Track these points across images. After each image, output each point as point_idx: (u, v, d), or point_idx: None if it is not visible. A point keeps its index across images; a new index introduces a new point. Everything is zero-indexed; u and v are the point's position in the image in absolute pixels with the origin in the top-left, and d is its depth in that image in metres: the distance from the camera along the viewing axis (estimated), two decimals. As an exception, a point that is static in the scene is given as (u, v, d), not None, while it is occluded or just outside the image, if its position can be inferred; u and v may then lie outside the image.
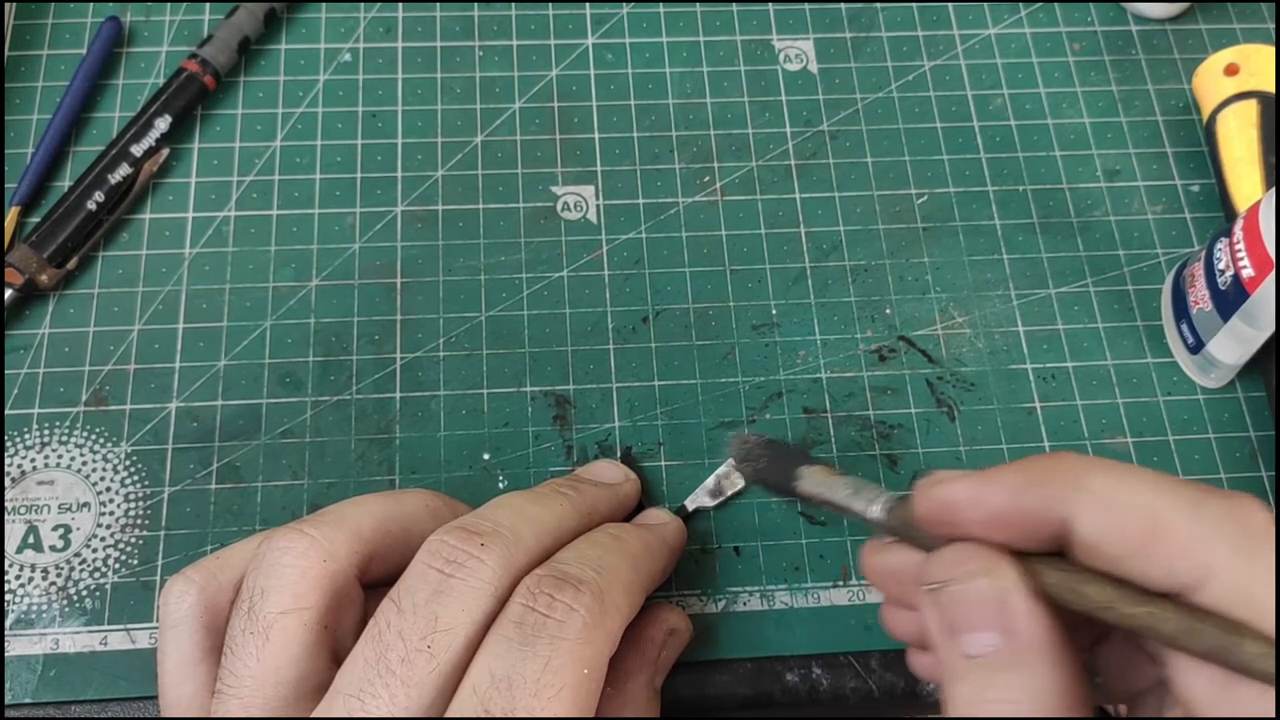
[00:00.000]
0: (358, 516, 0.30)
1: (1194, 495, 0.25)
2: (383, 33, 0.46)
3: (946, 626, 0.26)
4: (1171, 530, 0.24)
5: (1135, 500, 0.25)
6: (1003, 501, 0.26)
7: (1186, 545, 0.24)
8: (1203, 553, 0.24)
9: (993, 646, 0.25)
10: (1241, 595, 0.23)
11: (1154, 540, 0.24)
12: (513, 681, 0.26)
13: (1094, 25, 0.48)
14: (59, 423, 0.38)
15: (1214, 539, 0.24)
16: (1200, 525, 0.24)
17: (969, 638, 0.26)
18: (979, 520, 0.27)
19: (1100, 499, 0.25)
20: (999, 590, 0.26)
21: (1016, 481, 0.26)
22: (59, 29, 0.45)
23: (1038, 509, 0.26)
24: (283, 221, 0.42)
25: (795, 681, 0.36)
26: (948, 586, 0.26)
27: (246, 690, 0.27)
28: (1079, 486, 0.25)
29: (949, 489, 0.27)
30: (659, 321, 0.41)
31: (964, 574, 0.26)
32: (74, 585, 0.36)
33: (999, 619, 0.25)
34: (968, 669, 0.26)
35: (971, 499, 0.27)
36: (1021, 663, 0.25)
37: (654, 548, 0.33)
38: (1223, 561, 0.24)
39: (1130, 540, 0.25)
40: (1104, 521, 0.25)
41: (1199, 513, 0.24)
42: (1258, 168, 0.42)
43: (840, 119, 0.45)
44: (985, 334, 0.41)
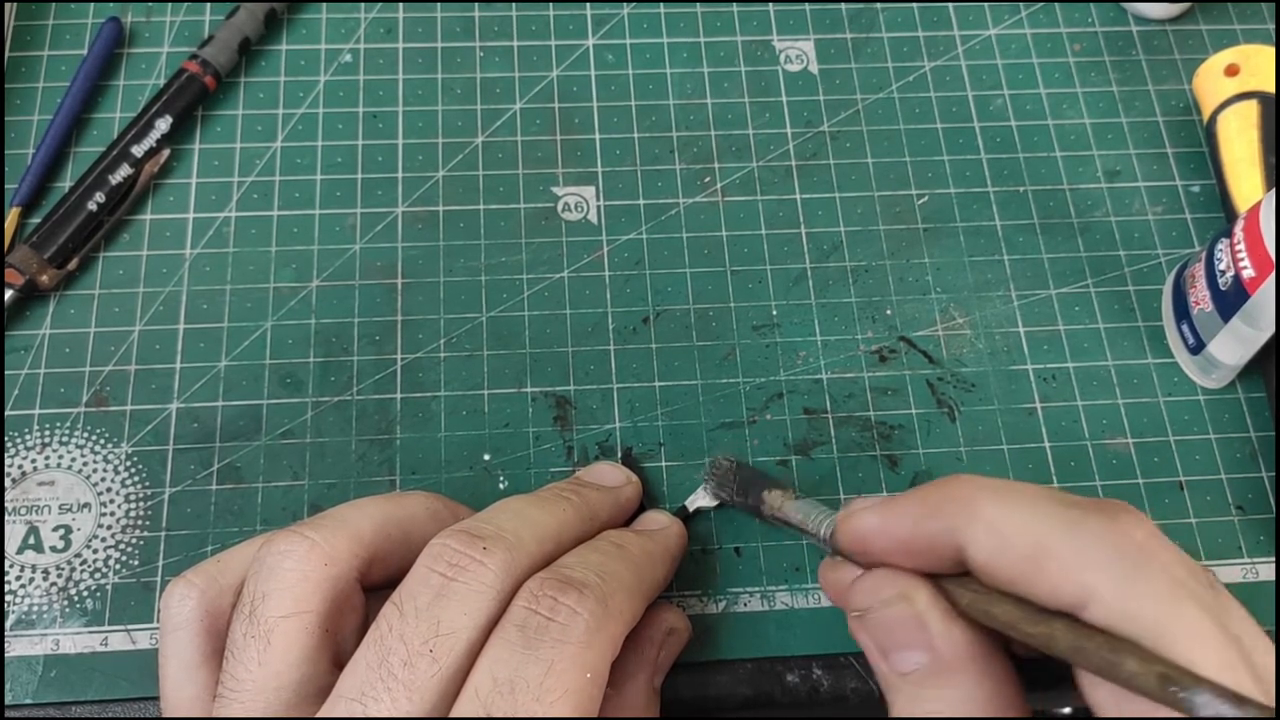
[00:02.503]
0: (358, 519, 0.30)
1: (1074, 516, 0.26)
2: (383, 33, 0.46)
3: (878, 646, 0.28)
4: (1053, 555, 0.25)
5: (1018, 525, 0.26)
6: (905, 532, 0.28)
7: (1067, 569, 0.25)
8: (1082, 574, 0.25)
9: (918, 663, 0.27)
10: (1122, 613, 0.24)
11: (1038, 565, 0.26)
12: (515, 685, 0.26)
13: (1094, 26, 0.48)
14: (60, 423, 0.39)
15: (1092, 559, 0.25)
16: (1078, 547, 0.25)
17: (897, 656, 0.28)
18: (888, 550, 0.29)
19: (987, 527, 0.26)
20: (914, 613, 0.28)
21: (914, 512, 0.28)
22: (59, 30, 0.45)
23: (936, 537, 0.28)
24: (283, 222, 0.42)
25: (796, 682, 0.36)
26: (869, 613, 0.29)
27: (248, 694, 0.27)
28: (969, 515, 0.27)
29: (858, 521, 0.30)
30: (659, 322, 0.41)
31: (880, 601, 0.28)
32: (74, 586, 0.36)
33: (919, 638, 0.27)
34: (901, 684, 0.28)
35: (878, 530, 0.29)
36: (946, 676, 0.27)
37: (656, 555, 0.33)
38: (1102, 583, 0.25)
39: (1017, 566, 0.26)
40: (992, 548, 0.26)
41: (1077, 534, 0.25)
42: (1258, 168, 0.42)
43: (841, 120, 0.45)
44: (986, 334, 0.41)
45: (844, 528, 0.30)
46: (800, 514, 0.33)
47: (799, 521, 0.33)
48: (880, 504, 0.29)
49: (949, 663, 0.27)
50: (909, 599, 0.28)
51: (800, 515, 0.33)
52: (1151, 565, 0.25)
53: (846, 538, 0.30)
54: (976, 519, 0.27)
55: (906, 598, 0.28)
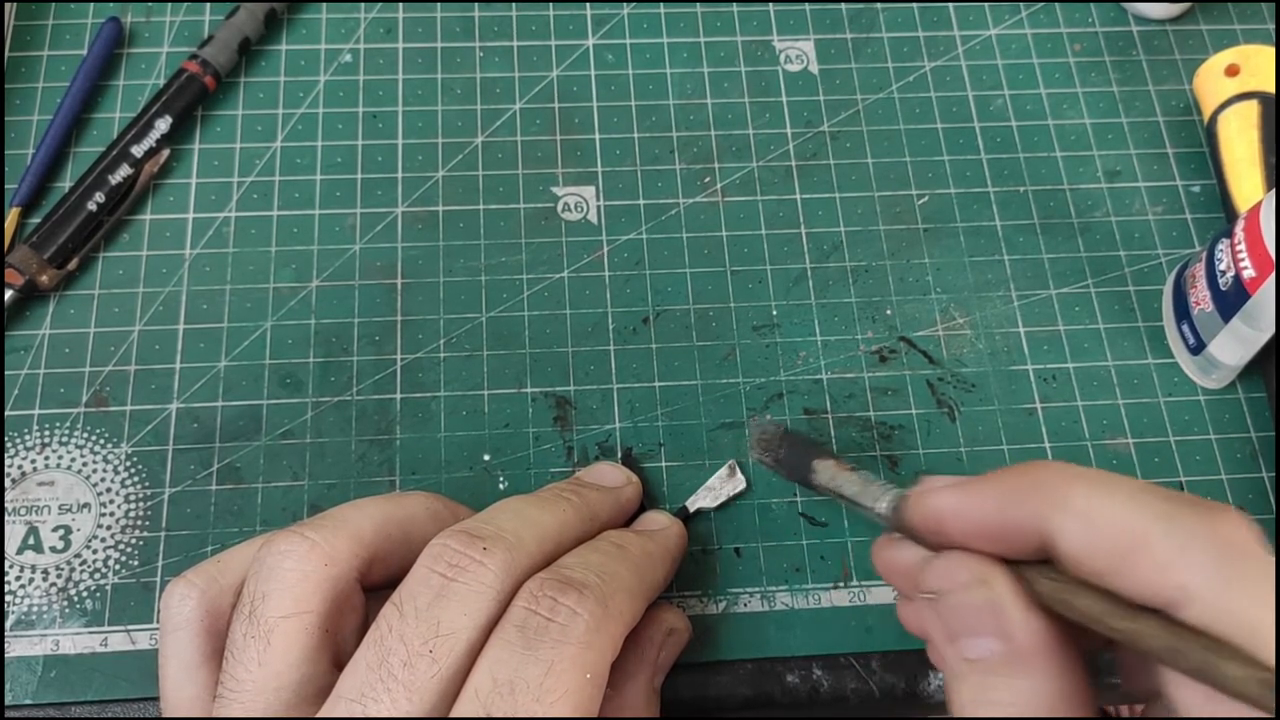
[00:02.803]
0: (358, 520, 0.30)
1: (1173, 511, 0.25)
2: (383, 33, 0.46)
3: (947, 631, 0.27)
4: (1149, 549, 0.24)
5: (1113, 517, 0.25)
6: (986, 516, 0.27)
7: (1164, 565, 0.24)
8: (1180, 573, 0.24)
9: (990, 651, 0.26)
10: (1222, 615, 0.23)
11: (1132, 558, 0.25)
12: (515, 685, 0.26)
13: (1094, 26, 0.48)
14: (59, 423, 0.38)
15: (1191, 558, 0.24)
16: (1177, 544, 0.24)
17: (968, 642, 0.27)
18: (965, 532, 0.28)
19: (1079, 516, 0.26)
20: (992, 599, 0.26)
21: (998, 496, 0.27)
22: (59, 30, 0.45)
23: (1020, 524, 0.27)
24: (283, 222, 0.42)
25: (796, 682, 0.36)
26: (945, 597, 0.27)
27: (248, 694, 0.27)
28: (1058, 502, 0.26)
29: (935, 501, 0.28)
30: (659, 322, 0.41)
31: (958, 585, 0.27)
32: (74, 586, 0.36)
33: (995, 625, 0.26)
34: (969, 671, 0.26)
35: (956, 512, 0.28)
36: (1019, 666, 0.26)
37: (656, 555, 0.33)
38: (1201, 582, 0.24)
39: (1109, 558, 0.25)
40: (1083, 539, 0.25)
41: (1177, 531, 0.24)
42: (1258, 168, 0.42)
43: (841, 120, 0.45)
44: (986, 335, 0.41)
45: (918, 505, 0.29)
46: (856, 487, 0.32)
47: (853, 494, 0.32)
48: (960, 484, 0.28)
49: (1023, 652, 0.26)
50: (988, 583, 0.27)
51: (856, 488, 0.32)
52: (1252, 566, 0.24)
53: (920, 516, 0.29)
54: (1067, 507, 0.26)
55: (985, 582, 0.27)
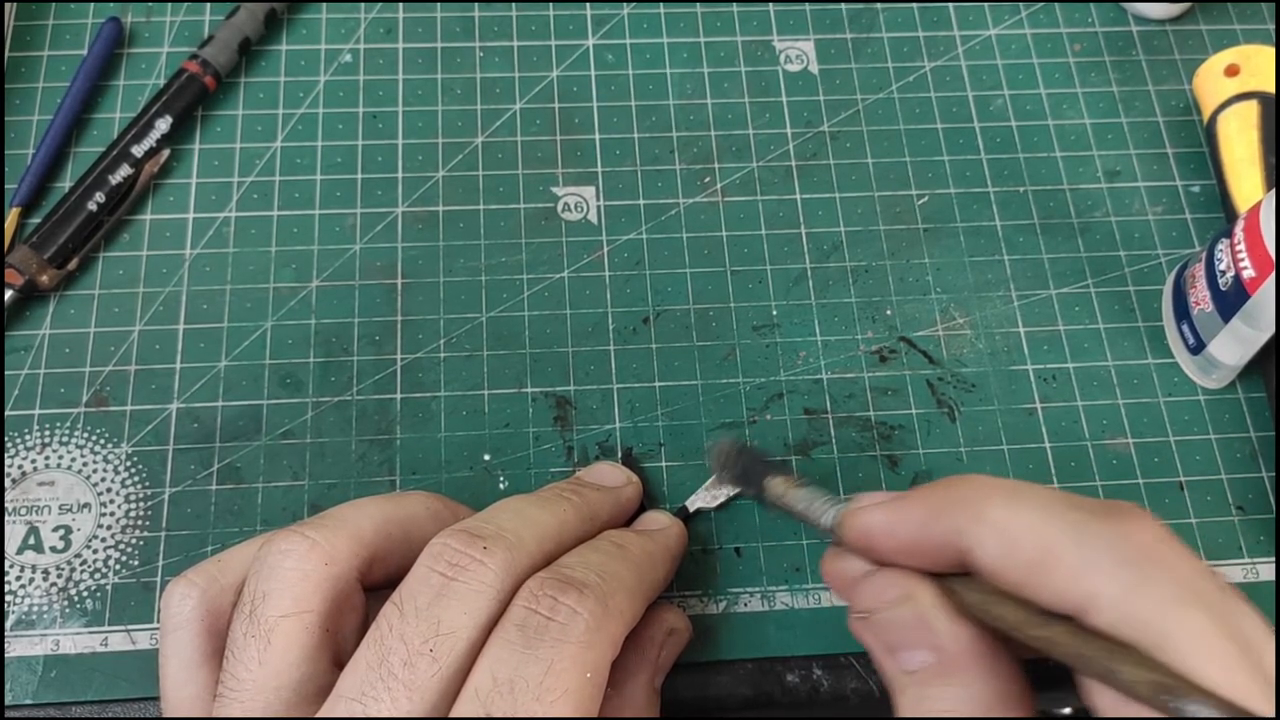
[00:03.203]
0: (358, 519, 0.30)
1: (1079, 519, 0.26)
2: (383, 33, 0.46)
3: (884, 645, 0.28)
4: (1059, 559, 0.25)
5: (1025, 528, 0.26)
6: (910, 532, 0.28)
7: (1072, 572, 0.25)
8: (1087, 579, 0.25)
9: (923, 662, 0.27)
10: (1125, 618, 0.24)
11: (1044, 569, 0.25)
12: (515, 684, 0.26)
13: (1094, 26, 0.48)
14: (59, 423, 0.38)
15: (1097, 564, 0.25)
16: (1084, 551, 0.25)
17: (903, 655, 0.28)
18: (892, 548, 0.29)
19: (993, 528, 0.26)
20: (919, 613, 0.28)
21: (921, 512, 0.28)
22: (59, 30, 0.45)
23: (942, 538, 0.28)
24: (283, 222, 0.42)
25: (796, 682, 0.36)
26: (876, 614, 0.29)
27: (248, 693, 0.27)
28: (976, 516, 0.27)
29: (864, 519, 0.30)
30: (659, 322, 0.41)
31: (886, 603, 0.28)
32: (74, 586, 0.36)
33: (924, 638, 0.27)
34: (907, 683, 0.28)
35: (884, 530, 0.29)
36: (951, 674, 0.27)
37: (656, 555, 0.33)
38: (1107, 588, 0.24)
39: (1023, 570, 0.26)
40: (998, 551, 0.26)
41: (1083, 538, 0.25)
42: (1258, 168, 0.42)
43: (841, 120, 0.45)
44: (986, 335, 0.41)
45: (849, 524, 0.30)
46: (803, 503, 0.33)
47: (802, 510, 0.33)
48: (886, 502, 0.29)
49: (954, 661, 0.27)
50: (913, 599, 0.28)
51: (803, 504, 0.33)
52: (1156, 570, 0.24)
53: (851, 534, 0.30)
54: (983, 521, 0.27)
55: (911, 598, 0.28)
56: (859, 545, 0.30)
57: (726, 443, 0.37)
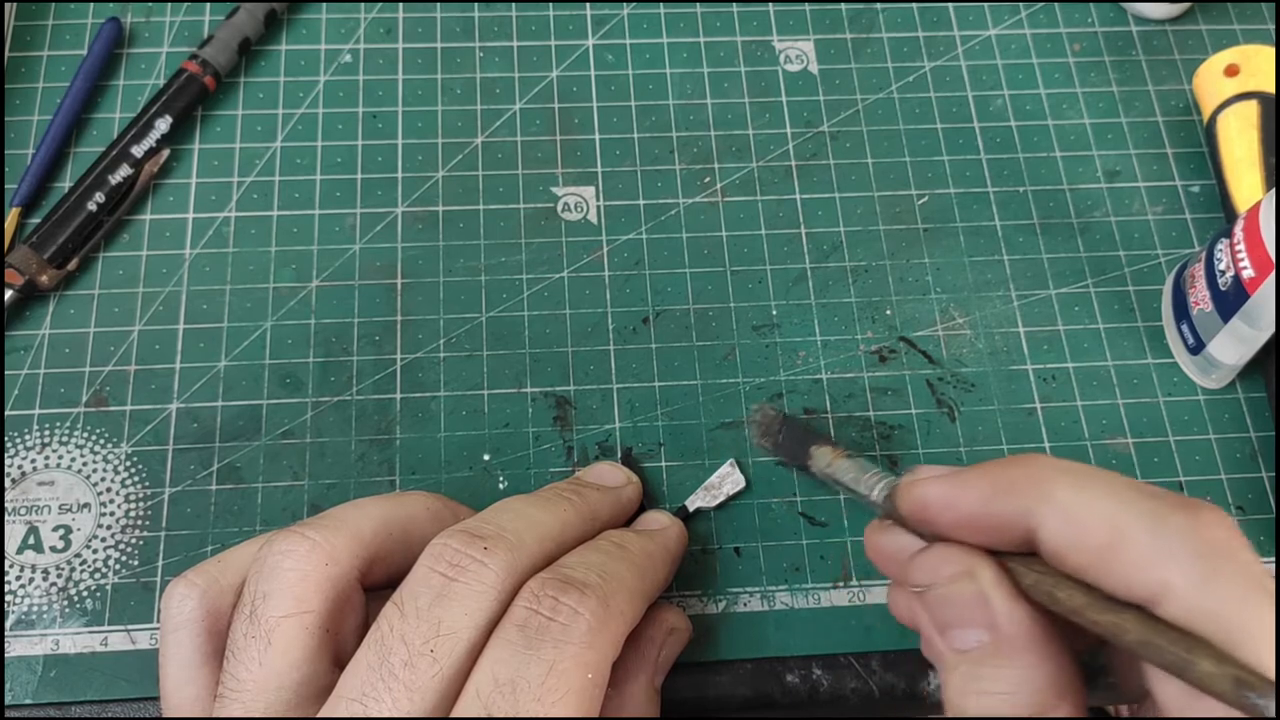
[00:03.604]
0: (358, 519, 0.30)
1: (1154, 508, 0.25)
2: (383, 34, 0.46)
3: (936, 623, 0.28)
4: (1130, 544, 0.25)
5: (1096, 512, 0.26)
6: (972, 507, 0.28)
7: (1144, 560, 0.25)
8: (1160, 569, 0.24)
9: (978, 641, 0.27)
10: (1199, 612, 0.24)
11: (1113, 554, 0.25)
12: (516, 685, 0.26)
13: (1094, 26, 0.48)
14: (59, 423, 0.38)
15: (1171, 555, 0.24)
16: (1158, 540, 0.25)
17: (957, 633, 0.27)
18: (952, 522, 0.28)
19: (1063, 510, 0.26)
20: (978, 591, 0.27)
21: (985, 488, 0.27)
22: (59, 30, 0.45)
23: (1006, 516, 0.27)
24: (283, 222, 0.42)
25: (796, 682, 0.36)
26: (932, 590, 0.28)
27: (248, 694, 0.27)
28: (1043, 496, 0.26)
29: (923, 490, 0.29)
30: (659, 322, 0.41)
31: (944, 578, 0.28)
32: (74, 586, 0.36)
33: (981, 617, 0.27)
34: (958, 661, 0.27)
35: (944, 503, 0.28)
36: (1006, 656, 0.26)
37: (657, 555, 0.33)
38: (1179, 579, 0.24)
39: (1091, 552, 0.25)
40: (1066, 533, 0.26)
41: (1157, 528, 0.25)
42: (1258, 169, 0.42)
43: (841, 120, 0.45)
44: (986, 335, 0.41)
45: (908, 494, 0.29)
46: (851, 474, 0.32)
47: (849, 481, 0.32)
48: (948, 475, 0.29)
49: (1010, 642, 0.26)
50: (973, 576, 0.27)
51: (851, 475, 0.32)
52: (1231, 565, 0.24)
53: (909, 505, 0.29)
54: (1051, 501, 0.26)
55: (970, 574, 0.27)
56: (915, 517, 0.29)
57: (769, 410, 0.37)
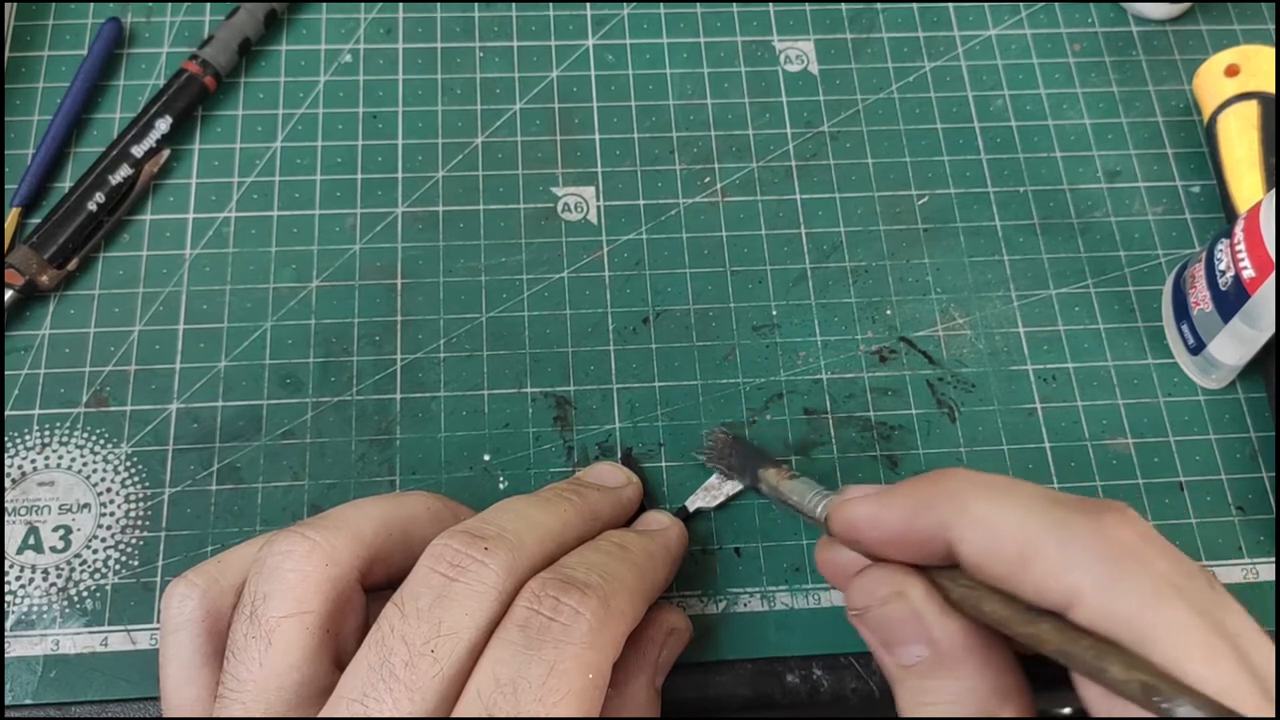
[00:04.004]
0: (359, 520, 0.30)
1: (1061, 516, 0.26)
2: (383, 34, 0.46)
3: (880, 641, 0.29)
4: (1040, 554, 0.25)
5: (1009, 524, 0.26)
6: (896, 525, 0.29)
7: (1053, 568, 0.25)
8: (1068, 575, 0.25)
9: (919, 656, 0.28)
10: (1108, 615, 0.24)
11: (1025, 564, 0.26)
12: (517, 685, 0.26)
13: (1094, 26, 0.48)
14: (59, 424, 0.38)
15: (1078, 560, 0.25)
16: (1064, 548, 0.25)
17: (899, 650, 0.28)
18: (879, 542, 0.29)
19: (978, 523, 0.27)
20: (911, 609, 0.28)
21: (907, 505, 0.28)
22: (59, 30, 0.45)
23: (927, 531, 0.28)
24: (283, 222, 0.42)
25: (796, 682, 0.36)
26: (868, 611, 0.29)
27: (249, 694, 0.27)
28: (960, 510, 0.27)
29: (851, 511, 0.30)
30: (659, 322, 0.41)
31: (878, 600, 0.29)
32: (74, 586, 0.36)
33: (919, 633, 0.28)
34: (904, 676, 0.28)
35: (869, 522, 0.29)
36: (947, 668, 0.27)
37: (657, 555, 0.33)
38: (1088, 583, 0.25)
39: (1006, 563, 0.26)
40: (982, 545, 0.26)
41: (1063, 534, 0.25)
42: (1258, 169, 0.42)
43: (841, 120, 0.45)
44: (986, 335, 0.41)
45: (836, 516, 0.30)
46: (796, 494, 0.34)
47: (795, 501, 0.34)
48: (873, 495, 0.30)
49: (949, 654, 0.27)
50: (904, 595, 0.28)
51: (796, 495, 0.34)
52: (1137, 566, 0.25)
53: (839, 527, 0.30)
54: (966, 515, 0.27)
55: (901, 594, 0.28)
56: (846, 538, 0.30)
57: (721, 434, 0.38)
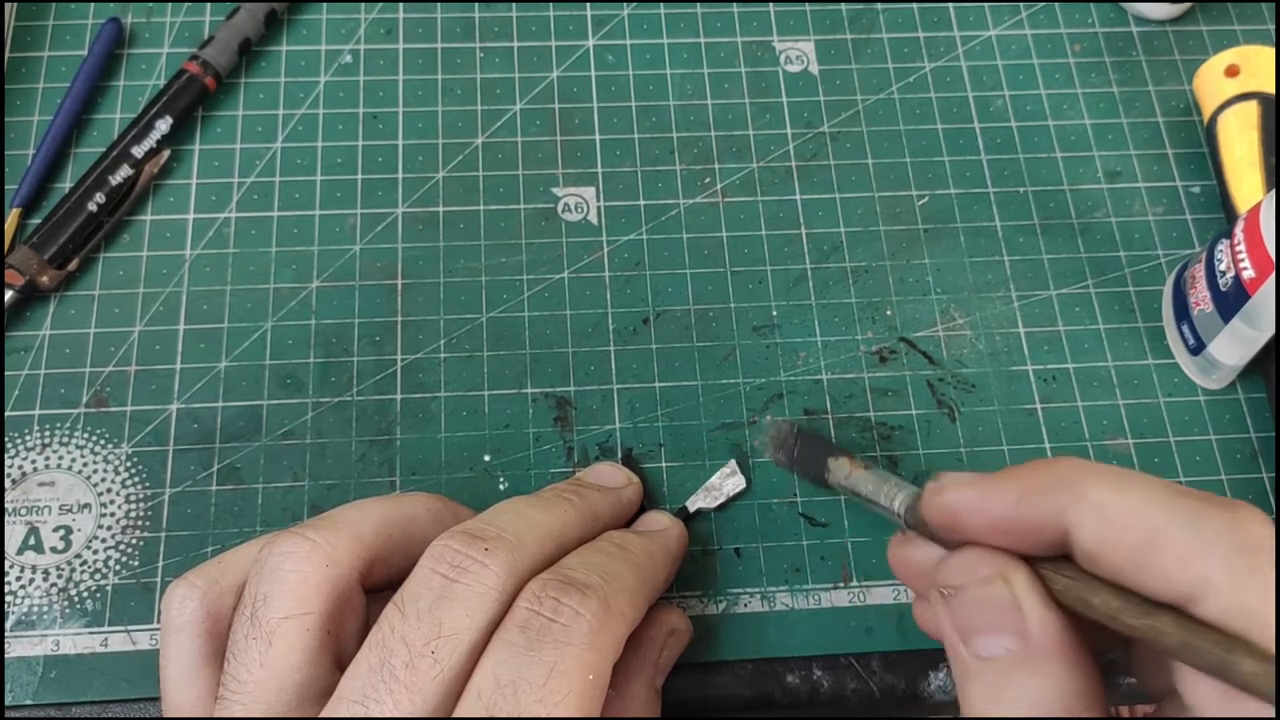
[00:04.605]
0: (359, 521, 0.30)
1: (1192, 506, 0.25)
2: (383, 34, 0.46)
3: (960, 628, 0.27)
4: (1168, 543, 0.24)
5: (1133, 512, 0.25)
6: (1004, 510, 0.27)
7: (1183, 559, 0.24)
8: (1199, 567, 0.24)
9: (1006, 649, 0.26)
10: (1239, 610, 0.23)
11: (1151, 553, 0.24)
12: (518, 686, 0.26)
13: (1094, 27, 0.48)
14: (60, 424, 0.38)
15: (1210, 553, 0.24)
16: (1197, 539, 0.24)
17: (982, 640, 0.26)
18: (982, 528, 0.27)
19: (1098, 510, 0.25)
20: (1011, 596, 0.26)
21: (1017, 490, 0.27)
22: (60, 30, 0.45)
23: (1038, 518, 0.26)
24: (283, 223, 0.42)
25: (796, 683, 0.36)
26: (961, 593, 0.27)
27: (249, 695, 0.27)
28: (1078, 496, 0.26)
29: (952, 497, 0.28)
30: (660, 323, 0.41)
31: (977, 580, 0.27)
32: (75, 586, 0.36)
33: (1012, 623, 0.26)
34: (981, 669, 0.26)
35: (973, 507, 0.27)
36: (1034, 665, 0.25)
37: (657, 556, 0.33)
38: (1219, 576, 0.24)
39: (1128, 552, 0.25)
40: (1102, 533, 0.25)
41: (1196, 525, 0.24)
42: (1258, 169, 0.42)
43: (841, 120, 0.45)
44: (986, 335, 0.41)
45: (935, 501, 0.28)
46: (872, 485, 0.32)
47: (869, 493, 0.32)
48: (976, 480, 0.28)
49: (1039, 651, 0.26)
50: (1006, 580, 0.26)
51: (871, 486, 0.32)
52: (1268, 561, 0.24)
53: (936, 511, 0.28)
54: (1086, 501, 0.25)
55: (1004, 578, 0.27)
56: (944, 525, 0.28)
57: (783, 424, 0.37)
